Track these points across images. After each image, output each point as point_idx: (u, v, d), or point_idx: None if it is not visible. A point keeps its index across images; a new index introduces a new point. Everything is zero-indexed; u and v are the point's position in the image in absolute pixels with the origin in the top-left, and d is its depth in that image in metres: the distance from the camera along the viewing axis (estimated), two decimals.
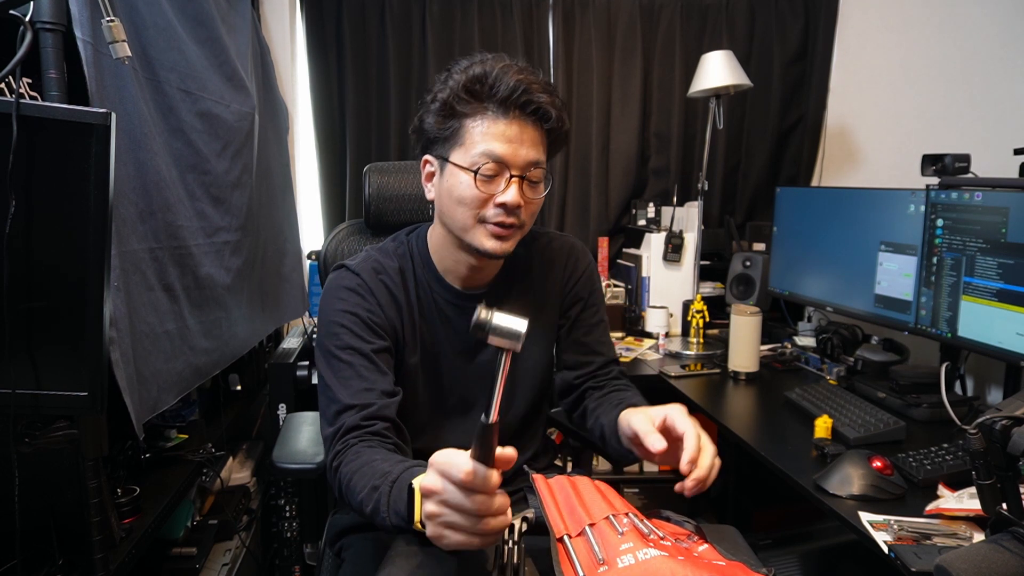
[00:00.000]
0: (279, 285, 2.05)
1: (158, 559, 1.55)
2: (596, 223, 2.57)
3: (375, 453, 0.92)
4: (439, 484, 0.71)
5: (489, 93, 0.98)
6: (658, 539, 0.73)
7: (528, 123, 0.99)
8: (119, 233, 1.15)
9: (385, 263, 1.10)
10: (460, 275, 1.11)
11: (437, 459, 0.72)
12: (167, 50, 1.34)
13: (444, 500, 0.71)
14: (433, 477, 0.72)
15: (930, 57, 2.01)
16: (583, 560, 0.71)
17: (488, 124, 0.98)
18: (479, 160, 0.98)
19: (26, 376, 0.84)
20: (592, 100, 2.50)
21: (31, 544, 1.03)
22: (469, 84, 0.98)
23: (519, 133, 0.98)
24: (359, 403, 0.98)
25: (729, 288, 2.30)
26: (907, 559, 0.98)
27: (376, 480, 0.85)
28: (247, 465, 2.06)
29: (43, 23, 0.90)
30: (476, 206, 1.00)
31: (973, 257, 1.45)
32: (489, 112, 0.98)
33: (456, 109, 0.99)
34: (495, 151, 0.97)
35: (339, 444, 0.95)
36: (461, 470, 0.68)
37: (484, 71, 0.98)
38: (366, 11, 2.36)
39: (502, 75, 0.97)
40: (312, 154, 2.44)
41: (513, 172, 0.99)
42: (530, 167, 1.00)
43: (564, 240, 1.23)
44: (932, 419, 1.51)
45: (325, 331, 1.05)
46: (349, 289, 1.05)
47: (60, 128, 0.80)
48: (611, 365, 1.26)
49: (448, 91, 1.00)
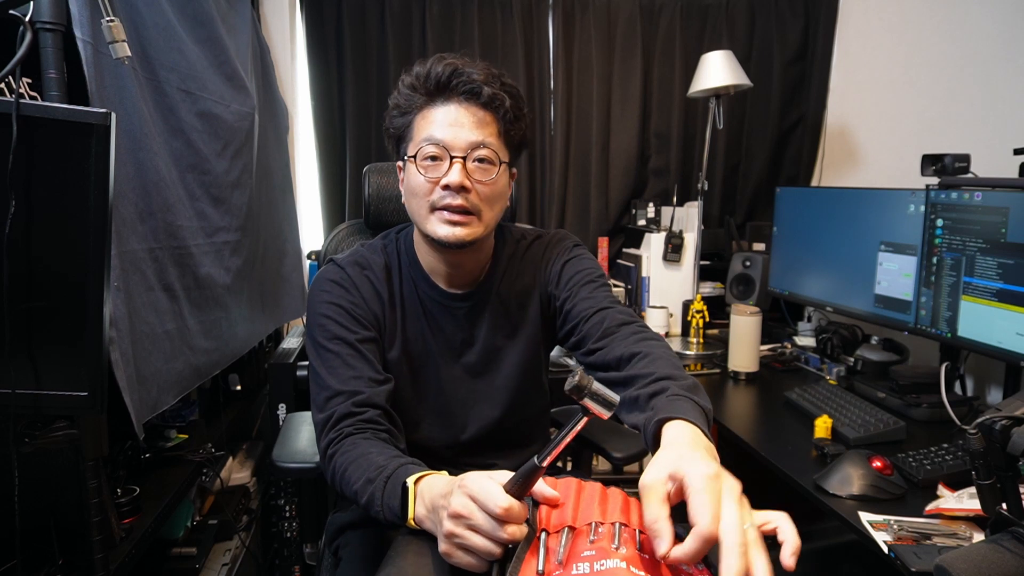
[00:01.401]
0: (279, 285, 2.05)
1: (158, 559, 1.55)
2: (596, 223, 2.56)
3: (370, 445, 0.93)
4: (469, 510, 0.72)
5: (424, 84, 1.02)
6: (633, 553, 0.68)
7: (468, 105, 1.02)
8: (119, 233, 1.15)
9: (371, 259, 1.12)
10: (443, 274, 1.12)
11: (471, 486, 0.72)
12: (167, 50, 1.34)
13: (472, 525, 0.72)
14: (464, 501, 0.72)
15: (930, 57, 2.02)
16: (548, 557, 0.71)
17: (429, 113, 1.02)
18: (422, 147, 1.01)
19: (26, 376, 0.84)
20: (592, 100, 2.50)
21: (31, 544, 1.03)
22: (412, 82, 1.04)
23: (458, 116, 1.01)
24: (348, 390, 0.99)
25: (729, 288, 2.30)
26: (907, 559, 0.98)
27: (371, 473, 0.87)
28: (247, 465, 2.06)
29: (43, 23, 0.90)
30: (426, 193, 1.02)
31: (973, 257, 1.45)
32: (429, 102, 1.03)
33: (402, 107, 1.05)
34: (434, 135, 1.01)
35: (332, 432, 0.96)
36: (498, 504, 0.69)
37: (424, 67, 1.03)
38: (366, 11, 2.36)
39: (436, 64, 1.01)
40: (312, 154, 2.44)
41: (454, 154, 1.00)
42: (474, 148, 1.01)
43: (548, 235, 1.19)
44: (932, 419, 1.51)
45: (312, 323, 1.07)
46: (333, 282, 1.08)
47: (60, 128, 0.80)
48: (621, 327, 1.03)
49: (396, 94, 1.06)
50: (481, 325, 1.14)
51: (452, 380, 1.13)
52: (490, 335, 1.14)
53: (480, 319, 1.14)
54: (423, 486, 0.81)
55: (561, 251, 1.16)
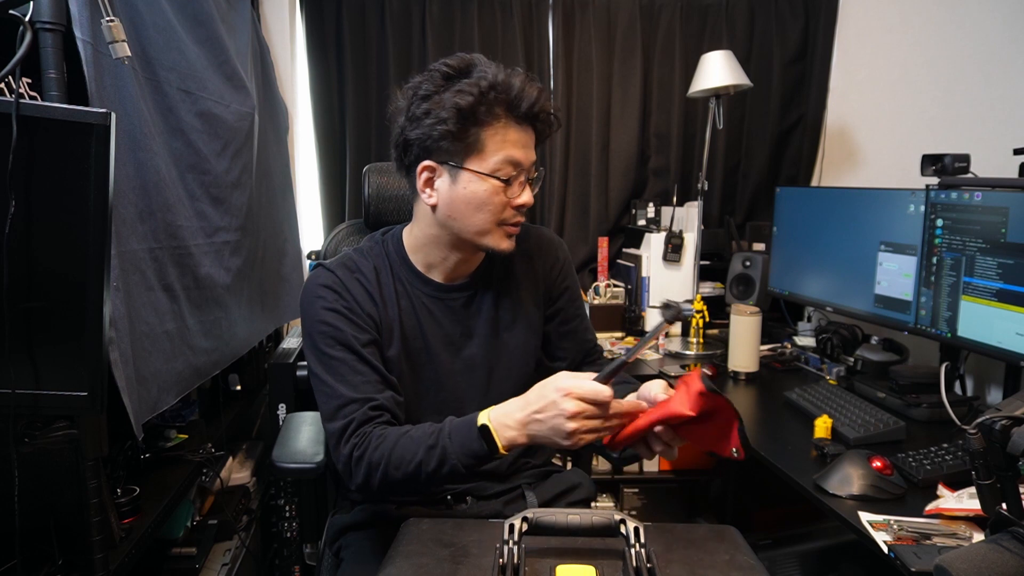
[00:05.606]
0: (279, 285, 2.05)
1: (158, 559, 1.55)
2: (596, 223, 2.56)
3: (401, 429, 0.99)
4: (581, 407, 0.88)
5: (513, 103, 1.01)
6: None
7: (534, 127, 1.06)
8: (119, 233, 1.15)
9: (360, 262, 1.12)
10: (445, 269, 1.13)
11: (577, 390, 0.88)
12: (167, 50, 1.34)
13: (590, 416, 0.89)
14: (576, 403, 0.88)
15: (930, 57, 2.02)
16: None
17: (508, 132, 1.02)
18: (502, 167, 1.02)
19: (26, 376, 0.84)
20: (592, 100, 2.50)
21: (31, 544, 1.03)
22: (488, 92, 0.99)
23: (529, 139, 1.05)
24: (361, 396, 1.01)
25: (729, 288, 2.30)
26: (907, 559, 0.98)
27: (429, 440, 0.95)
28: (247, 465, 2.06)
29: (43, 23, 0.90)
30: (498, 210, 1.04)
31: (973, 257, 1.45)
32: (512, 120, 1.02)
33: (477, 117, 1.00)
34: (515, 157, 1.03)
35: (355, 437, 0.98)
36: (605, 396, 0.88)
37: (506, 81, 1.00)
38: (366, 11, 2.36)
39: (525, 87, 1.02)
40: (312, 154, 2.44)
41: (528, 176, 1.06)
42: (535, 167, 1.07)
43: (539, 231, 1.26)
44: (932, 419, 1.51)
45: (311, 330, 1.06)
46: (326, 287, 1.07)
47: (60, 128, 0.80)
48: (597, 349, 1.33)
49: (470, 98, 0.98)
50: (479, 316, 1.15)
51: (453, 374, 1.14)
52: (489, 326, 1.15)
53: (478, 310, 1.15)
54: (494, 418, 0.93)
55: (560, 254, 1.25)
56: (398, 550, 0.87)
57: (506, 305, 1.17)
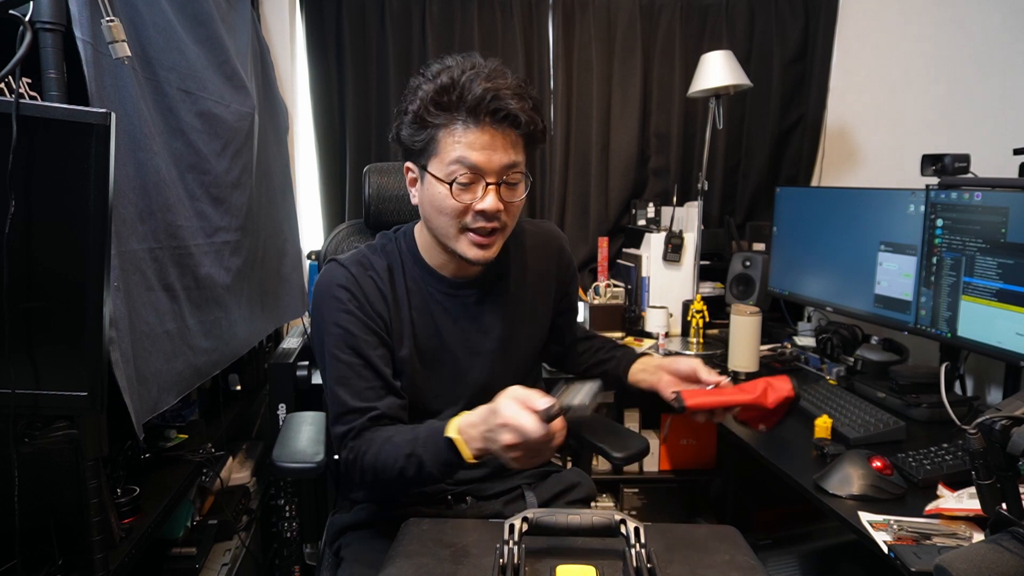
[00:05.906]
0: (279, 285, 2.05)
1: (158, 559, 1.55)
2: (596, 223, 2.56)
3: (386, 431, 1.01)
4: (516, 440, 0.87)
5: (457, 103, 0.96)
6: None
7: (500, 128, 0.98)
8: (119, 233, 1.15)
9: (373, 260, 1.12)
10: (451, 269, 1.13)
11: (512, 421, 0.86)
12: (167, 50, 1.34)
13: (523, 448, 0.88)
14: (510, 436, 0.86)
15: (930, 57, 2.01)
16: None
17: (460, 133, 0.97)
18: (454, 170, 0.98)
19: (26, 376, 0.84)
20: (592, 100, 2.50)
21: (31, 544, 1.03)
22: (437, 96, 0.97)
23: (491, 140, 0.97)
24: (361, 405, 1.03)
25: (729, 288, 2.30)
26: (907, 559, 0.98)
27: (407, 448, 0.96)
28: (247, 465, 2.06)
29: (43, 23, 0.90)
30: (456, 215, 1.01)
31: (973, 257, 1.45)
32: (460, 121, 0.97)
33: (427, 120, 0.98)
34: (469, 159, 0.97)
35: (352, 443, 1.02)
36: (537, 433, 0.85)
37: (452, 80, 0.96)
38: (366, 11, 2.36)
39: (469, 83, 0.95)
40: (312, 154, 2.44)
41: (489, 180, 0.98)
42: (506, 171, 1.00)
43: (544, 226, 1.27)
44: (932, 419, 1.51)
45: (325, 330, 1.07)
46: (341, 286, 1.07)
47: (60, 128, 0.80)
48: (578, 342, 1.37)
49: (418, 102, 0.98)
50: (495, 312, 1.15)
51: (469, 371, 1.14)
52: (505, 321, 1.16)
53: (493, 306, 1.15)
54: (462, 429, 0.93)
55: (566, 245, 1.27)
56: (398, 550, 0.87)
57: (519, 299, 1.17)
